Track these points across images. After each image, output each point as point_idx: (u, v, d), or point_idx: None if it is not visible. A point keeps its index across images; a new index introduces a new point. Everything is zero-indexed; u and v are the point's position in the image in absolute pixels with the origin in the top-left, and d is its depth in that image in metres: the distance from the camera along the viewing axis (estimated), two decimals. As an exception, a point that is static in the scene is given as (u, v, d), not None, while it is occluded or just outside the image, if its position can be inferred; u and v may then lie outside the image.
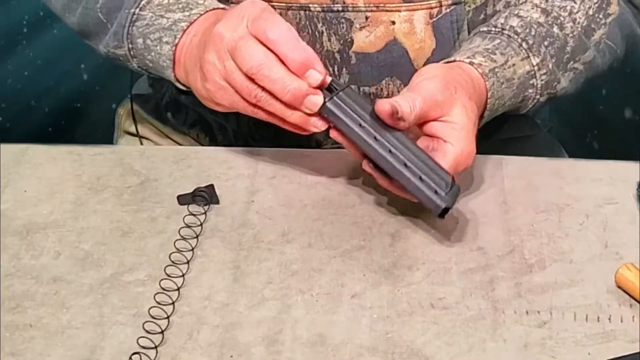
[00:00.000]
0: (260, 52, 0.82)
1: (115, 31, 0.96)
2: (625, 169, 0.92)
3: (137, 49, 0.95)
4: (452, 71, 0.89)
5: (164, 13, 0.93)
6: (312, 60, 0.82)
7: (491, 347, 0.75)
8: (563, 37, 0.96)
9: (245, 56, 0.82)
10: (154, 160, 0.95)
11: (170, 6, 0.93)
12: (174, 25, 0.92)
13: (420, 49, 0.98)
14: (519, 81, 0.93)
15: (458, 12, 0.97)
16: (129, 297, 0.79)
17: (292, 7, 0.96)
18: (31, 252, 0.84)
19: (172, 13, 0.93)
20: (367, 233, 0.86)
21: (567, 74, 0.97)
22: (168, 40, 0.92)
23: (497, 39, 0.94)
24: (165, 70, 0.93)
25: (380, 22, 0.96)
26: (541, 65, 0.94)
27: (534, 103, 0.96)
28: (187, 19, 0.91)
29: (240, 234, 0.86)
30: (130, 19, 0.94)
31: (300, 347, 0.75)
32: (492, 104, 0.91)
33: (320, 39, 0.97)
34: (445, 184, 0.82)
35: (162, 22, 0.93)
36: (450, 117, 0.85)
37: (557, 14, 0.97)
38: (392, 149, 0.82)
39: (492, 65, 0.92)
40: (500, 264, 0.82)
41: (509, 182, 0.92)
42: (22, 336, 0.76)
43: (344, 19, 0.96)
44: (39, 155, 0.96)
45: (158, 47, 0.93)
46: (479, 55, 0.92)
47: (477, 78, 0.90)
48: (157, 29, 0.93)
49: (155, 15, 0.93)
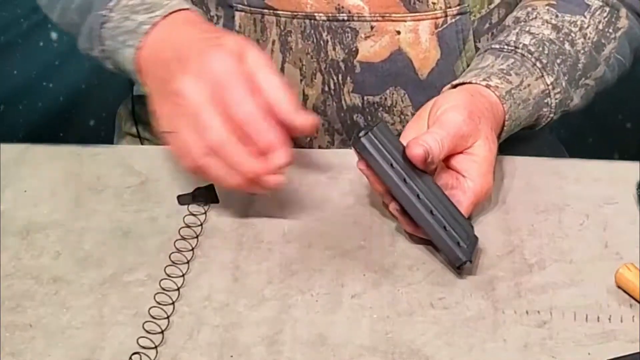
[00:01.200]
0: (223, 130, 0.79)
1: (87, 33, 0.95)
2: (625, 169, 0.92)
3: (108, 50, 0.93)
4: (475, 99, 0.88)
5: (129, 15, 0.91)
6: (275, 142, 0.80)
7: (491, 347, 0.75)
8: (575, 53, 0.96)
9: (206, 132, 0.80)
10: (154, 160, 0.95)
11: (135, 7, 0.91)
12: (138, 28, 0.89)
13: (425, 59, 0.98)
14: (534, 101, 0.93)
15: (463, 22, 0.97)
16: (129, 297, 0.79)
17: (298, 16, 0.96)
18: (31, 252, 0.84)
19: (137, 15, 0.90)
20: (367, 233, 0.86)
21: (579, 90, 0.97)
22: (132, 43, 0.89)
23: (511, 58, 0.94)
24: (132, 74, 0.91)
25: (385, 31, 0.96)
26: (555, 84, 0.94)
27: (547, 121, 0.96)
28: (150, 21, 0.89)
29: (240, 234, 0.86)
30: (99, 22, 0.93)
31: (300, 347, 0.75)
32: (509, 125, 0.91)
33: (325, 48, 0.97)
34: (467, 236, 0.81)
35: (127, 24, 0.91)
36: (473, 149, 0.85)
37: (568, 29, 0.96)
38: (420, 194, 0.80)
39: (509, 87, 0.91)
40: (500, 264, 0.82)
41: (509, 182, 0.92)
42: (22, 336, 0.76)
43: (349, 29, 0.96)
44: (39, 155, 0.96)
45: (124, 50, 0.90)
46: (494, 77, 0.91)
47: (496, 103, 0.90)
48: (123, 31, 0.91)
49: (122, 17, 0.91)
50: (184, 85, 0.81)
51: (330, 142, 1.02)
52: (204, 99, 0.80)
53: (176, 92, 0.82)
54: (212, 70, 0.81)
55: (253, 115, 0.80)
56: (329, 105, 0.99)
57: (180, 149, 0.83)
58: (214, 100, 0.80)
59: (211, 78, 0.80)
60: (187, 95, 0.81)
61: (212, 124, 0.80)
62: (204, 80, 0.81)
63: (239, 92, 0.80)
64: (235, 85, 0.80)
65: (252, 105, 0.80)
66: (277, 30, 0.97)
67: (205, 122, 0.80)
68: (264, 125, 0.80)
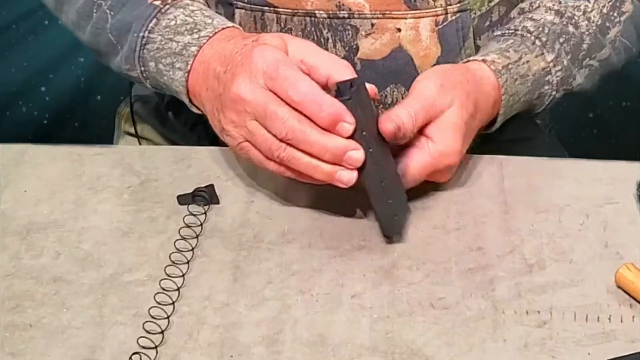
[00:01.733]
0: (292, 117, 0.80)
1: (127, 55, 0.94)
2: (625, 169, 0.92)
3: (149, 71, 0.93)
4: (453, 71, 0.89)
5: (172, 36, 0.91)
6: (340, 112, 0.79)
7: (491, 347, 0.75)
8: (579, 34, 0.97)
9: (276, 124, 0.80)
10: (154, 160, 0.95)
11: (178, 28, 0.91)
12: (184, 50, 0.90)
13: (425, 56, 0.98)
14: (533, 77, 0.94)
15: (464, 19, 0.97)
16: (129, 297, 0.79)
17: (298, 14, 0.96)
18: (31, 252, 0.84)
19: (181, 36, 0.90)
20: (367, 233, 0.86)
21: (582, 70, 0.98)
22: (180, 66, 0.90)
23: (511, 39, 0.95)
24: (180, 95, 0.92)
25: (386, 29, 0.96)
26: (556, 61, 0.95)
27: (550, 100, 0.96)
28: (197, 43, 0.89)
29: (240, 234, 0.86)
30: (140, 43, 0.92)
31: (300, 347, 0.75)
32: (506, 100, 0.91)
33: (325, 45, 0.97)
34: (403, 209, 0.85)
35: (172, 45, 0.91)
36: (444, 115, 0.85)
37: (572, 14, 0.97)
38: (379, 161, 0.82)
39: (506, 62, 0.92)
40: (500, 264, 0.82)
41: (509, 182, 0.92)
42: (22, 336, 0.76)
43: (349, 26, 0.96)
44: (39, 155, 0.96)
45: (171, 72, 0.91)
46: (492, 53, 0.93)
47: (487, 77, 0.90)
48: (168, 53, 0.91)
49: (165, 38, 0.91)
50: (240, 88, 0.82)
51: None
52: (263, 94, 0.81)
53: (235, 99, 0.82)
54: (259, 65, 0.81)
55: (309, 92, 0.80)
56: None
57: (260, 151, 0.83)
58: (272, 92, 0.81)
59: (261, 73, 0.81)
60: (246, 97, 0.81)
61: (281, 114, 0.80)
62: (256, 78, 0.81)
63: (289, 76, 0.80)
64: (283, 71, 0.80)
65: (306, 83, 0.80)
66: (277, 28, 0.97)
67: (273, 115, 0.80)
68: (323, 98, 0.80)
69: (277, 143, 0.81)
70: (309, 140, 0.80)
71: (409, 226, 0.86)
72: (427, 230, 0.86)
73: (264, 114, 0.81)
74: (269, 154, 0.82)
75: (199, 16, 0.92)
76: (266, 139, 0.82)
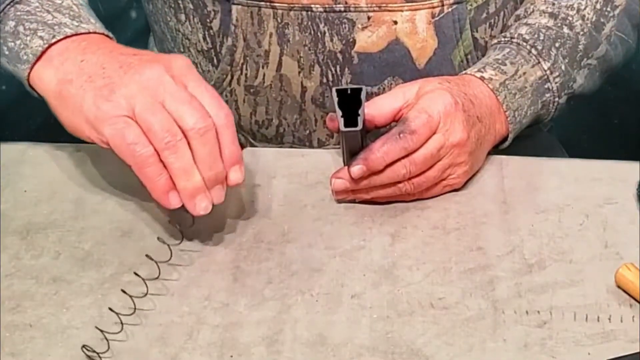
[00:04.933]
0: (209, 120, 0.79)
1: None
2: (625, 169, 0.92)
3: (2, 30, 0.90)
4: (453, 85, 0.89)
5: (51, 10, 0.89)
6: (239, 159, 0.81)
7: (491, 347, 0.75)
8: (574, 35, 0.97)
9: (193, 112, 0.79)
10: (154, 160, 0.95)
11: (60, 7, 0.89)
12: (58, 27, 0.87)
13: (422, 49, 0.98)
14: (532, 88, 0.94)
15: (460, 11, 0.97)
16: (129, 297, 0.79)
17: (295, 8, 0.96)
18: (31, 252, 0.84)
19: (61, 15, 0.88)
20: (367, 233, 0.86)
21: (581, 71, 0.98)
22: (43, 35, 0.87)
23: (507, 48, 0.95)
24: (21, 63, 0.88)
25: (382, 22, 0.96)
26: (553, 68, 0.95)
27: (555, 106, 0.96)
28: (75, 29, 0.87)
29: (240, 234, 0.86)
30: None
31: (300, 347, 0.75)
32: (511, 116, 0.92)
33: (322, 39, 0.97)
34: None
35: (46, 16, 0.88)
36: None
37: (565, 14, 0.97)
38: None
39: (502, 78, 0.92)
40: (500, 264, 0.82)
41: (509, 182, 0.92)
42: (22, 336, 0.76)
43: (346, 19, 0.96)
44: (39, 155, 0.96)
45: (28, 37, 0.87)
46: (489, 67, 0.93)
47: (488, 97, 0.91)
48: (37, 20, 0.88)
49: (42, 7, 0.89)
50: (154, 74, 0.81)
51: (329, 134, 1.02)
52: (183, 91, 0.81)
53: (146, 85, 0.81)
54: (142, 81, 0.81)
55: (182, 98, 0.80)
56: (327, 97, 0.99)
57: (142, 131, 0.80)
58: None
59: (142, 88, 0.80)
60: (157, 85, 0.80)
61: (201, 110, 0.80)
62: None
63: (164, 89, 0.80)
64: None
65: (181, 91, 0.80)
66: (274, 23, 0.97)
67: (197, 106, 0.80)
68: (195, 103, 0.79)
69: (168, 131, 0.79)
70: (212, 146, 0.80)
71: (409, 226, 0.86)
72: (427, 230, 0.86)
73: (189, 100, 0.80)
74: (153, 138, 0.79)
75: (85, 11, 0.90)
76: (161, 121, 0.79)
